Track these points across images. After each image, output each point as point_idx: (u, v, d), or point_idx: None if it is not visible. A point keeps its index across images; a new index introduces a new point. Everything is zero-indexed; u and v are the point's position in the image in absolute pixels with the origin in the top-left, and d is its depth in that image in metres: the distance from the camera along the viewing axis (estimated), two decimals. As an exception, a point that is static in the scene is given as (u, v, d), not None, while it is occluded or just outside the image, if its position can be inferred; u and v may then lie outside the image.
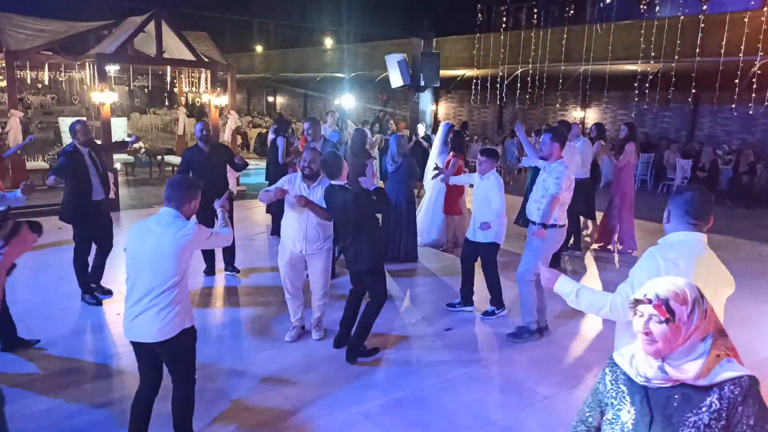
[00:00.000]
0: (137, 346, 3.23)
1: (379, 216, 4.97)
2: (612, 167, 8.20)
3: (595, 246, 8.33)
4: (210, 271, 6.68)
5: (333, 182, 4.56)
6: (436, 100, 21.04)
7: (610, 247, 8.19)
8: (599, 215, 8.42)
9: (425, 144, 11.04)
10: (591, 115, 17.43)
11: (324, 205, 4.61)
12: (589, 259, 7.92)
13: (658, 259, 2.46)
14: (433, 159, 8.43)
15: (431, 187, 8.32)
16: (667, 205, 2.65)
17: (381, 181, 8.79)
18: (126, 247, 3.21)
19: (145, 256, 3.09)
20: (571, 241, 7.90)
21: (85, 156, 5.57)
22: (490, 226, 5.34)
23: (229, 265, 6.74)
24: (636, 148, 7.91)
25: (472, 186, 5.84)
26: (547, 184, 4.93)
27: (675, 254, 2.47)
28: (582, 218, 8.32)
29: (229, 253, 6.68)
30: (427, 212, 8.34)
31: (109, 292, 5.92)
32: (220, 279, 6.64)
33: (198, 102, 16.33)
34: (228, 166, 6.52)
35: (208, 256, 6.66)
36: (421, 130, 11.78)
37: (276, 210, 8.51)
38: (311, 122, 6.76)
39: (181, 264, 3.11)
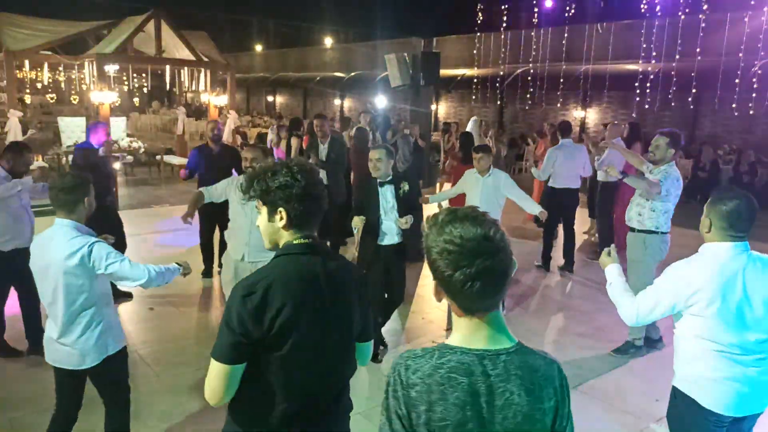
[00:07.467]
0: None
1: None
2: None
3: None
4: (207, 273, 6.60)
5: None
6: (437, 99, 21.04)
7: None
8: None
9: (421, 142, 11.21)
10: (591, 115, 17.42)
11: None
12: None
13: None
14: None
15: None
16: (706, 212, 2.42)
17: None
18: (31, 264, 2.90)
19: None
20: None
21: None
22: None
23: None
24: (641, 148, 7.89)
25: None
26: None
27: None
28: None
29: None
30: None
31: (128, 295, 5.79)
32: (217, 281, 6.53)
33: (198, 102, 16.33)
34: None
35: (207, 256, 6.57)
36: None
37: None
38: (322, 120, 6.81)
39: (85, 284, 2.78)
